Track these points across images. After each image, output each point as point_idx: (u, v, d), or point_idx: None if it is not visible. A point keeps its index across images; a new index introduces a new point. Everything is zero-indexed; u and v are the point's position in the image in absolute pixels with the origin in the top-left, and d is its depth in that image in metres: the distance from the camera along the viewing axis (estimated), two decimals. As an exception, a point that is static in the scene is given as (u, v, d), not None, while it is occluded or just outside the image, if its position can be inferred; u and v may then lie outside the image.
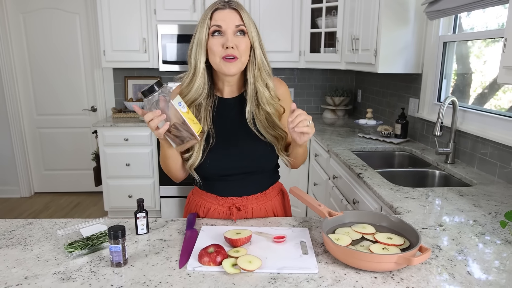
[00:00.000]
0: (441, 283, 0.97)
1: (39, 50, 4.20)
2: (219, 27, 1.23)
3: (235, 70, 1.26)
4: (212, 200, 1.42)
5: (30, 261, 1.08)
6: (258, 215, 1.43)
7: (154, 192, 3.78)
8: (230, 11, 1.25)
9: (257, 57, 1.29)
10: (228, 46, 1.22)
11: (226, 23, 1.23)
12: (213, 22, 1.23)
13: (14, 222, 1.34)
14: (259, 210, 1.43)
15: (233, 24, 1.23)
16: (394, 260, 0.98)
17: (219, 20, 1.23)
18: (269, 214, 1.45)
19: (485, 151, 2.01)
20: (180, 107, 1.11)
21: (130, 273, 1.02)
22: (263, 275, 1.00)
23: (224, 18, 1.23)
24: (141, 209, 1.24)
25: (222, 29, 1.23)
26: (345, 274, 1.01)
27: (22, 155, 4.39)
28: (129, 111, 4.04)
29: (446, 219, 1.40)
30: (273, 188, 1.48)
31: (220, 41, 1.23)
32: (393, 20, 2.60)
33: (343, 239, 1.12)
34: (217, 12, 1.24)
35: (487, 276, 1.01)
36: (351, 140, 2.82)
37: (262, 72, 1.31)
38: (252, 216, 1.42)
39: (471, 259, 1.09)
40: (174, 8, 3.63)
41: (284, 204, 1.55)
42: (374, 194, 1.76)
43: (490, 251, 1.15)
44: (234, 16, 1.24)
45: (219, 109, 1.36)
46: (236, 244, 1.14)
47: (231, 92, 1.38)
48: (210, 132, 1.33)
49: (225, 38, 1.23)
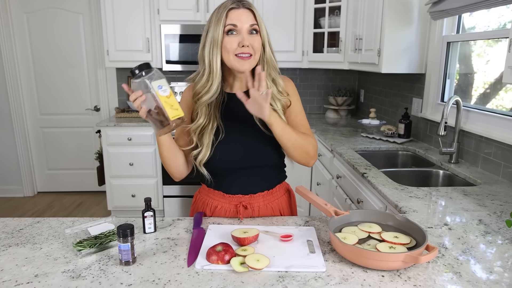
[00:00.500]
0: (448, 282, 0.97)
1: (42, 50, 4.21)
2: (235, 26, 1.27)
3: (249, 66, 1.30)
4: (219, 198, 1.44)
5: (40, 260, 1.09)
6: (264, 214, 1.44)
7: (157, 192, 3.79)
8: (244, 10, 1.28)
9: (267, 54, 1.34)
10: (244, 44, 1.26)
11: (241, 22, 1.27)
12: (228, 21, 1.26)
13: (22, 220, 1.35)
14: (265, 209, 1.44)
15: (248, 24, 1.27)
16: (401, 259, 0.98)
17: (234, 19, 1.26)
18: (275, 213, 1.47)
19: (489, 150, 2.02)
20: (160, 90, 1.13)
21: (139, 271, 1.03)
22: (271, 273, 1.01)
23: (239, 18, 1.27)
24: (148, 208, 1.25)
25: (237, 28, 1.27)
26: (352, 272, 1.02)
27: (25, 154, 4.40)
28: (133, 111, 4.05)
29: (451, 219, 1.40)
30: (279, 187, 1.49)
31: (236, 40, 1.27)
32: (397, 20, 2.60)
33: (350, 238, 1.13)
34: (232, 11, 1.27)
35: (493, 275, 1.01)
36: (355, 140, 2.82)
37: (270, 69, 1.36)
38: (258, 215, 1.43)
39: (477, 258, 1.10)
40: (177, 8, 3.64)
41: (291, 203, 1.56)
42: (379, 194, 1.76)
43: (495, 250, 1.16)
44: (248, 15, 1.28)
45: (228, 105, 1.39)
46: (243, 243, 1.15)
47: (241, 87, 1.40)
48: (220, 127, 1.36)
49: (241, 36, 1.27)
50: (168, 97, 1.14)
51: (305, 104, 4.36)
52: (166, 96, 1.14)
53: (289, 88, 1.42)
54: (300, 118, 1.43)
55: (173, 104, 1.15)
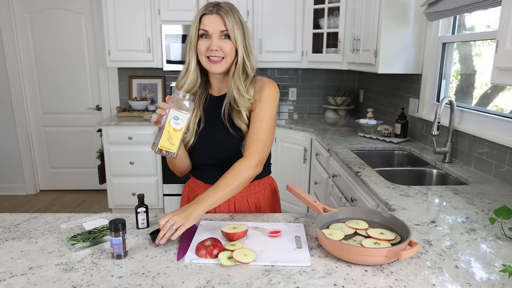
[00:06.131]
0: (429, 276, 1.00)
1: (45, 50, 4.26)
2: (206, 31, 1.35)
3: (220, 69, 1.38)
4: (200, 188, 1.55)
5: (34, 253, 1.12)
6: (240, 206, 1.52)
7: (157, 190, 3.83)
8: (216, 16, 1.34)
9: (238, 59, 1.38)
10: (212, 49, 1.34)
11: (211, 28, 1.34)
12: (201, 26, 1.35)
13: (19, 216, 1.39)
14: (241, 201, 1.52)
15: (218, 29, 1.34)
16: (384, 254, 1.01)
17: (206, 25, 1.34)
18: (251, 207, 1.53)
19: (482, 150, 2.04)
20: (173, 119, 1.21)
21: (129, 264, 1.06)
22: (257, 267, 1.04)
23: (210, 23, 1.34)
24: (141, 204, 1.29)
25: (209, 33, 1.35)
26: (336, 267, 1.04)
27: (28, 153, 4.45)
28: (134, 110, 4.09)
29: (439, 216, 1.43)
30: (259, 182, 1.55)
31: (207, 43, 1.35)
32: (393, 21, 2.63)
33: (336, 234, 1.15)
34: (205, 16, 1.35)
35: (474, 270, 1.04)
36: (352, 140, 2.85)
37: (239, 73, 1.39)
38: (234, 206, 1.51)
39: (460, 254, 1.13)
40: (178, 8, 3.68)
41: (272, 200, 1.61)
42: (371, 192, 1.79)
43: (479, 246, 1.18)
44: (219, 22, 1.34)
45: (208, 106, 1.49)
46: (232, 238, 1.18)
47: (220, 89, 1.50)
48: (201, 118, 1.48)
49: (211, 41, 1.35)
50: (175, 130, 1.22)
51: (305, 104, 4.40)
52: (173, 128, 1.22)
53: (262, 92, 1.41)
54: (257, 126, 1.39)
55: (173, 138, 1.23)
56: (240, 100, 1.39)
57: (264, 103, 1.41)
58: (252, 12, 3.74)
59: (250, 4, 3.71)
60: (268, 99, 1.42)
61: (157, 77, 4.28)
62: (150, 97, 4.29)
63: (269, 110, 1.41)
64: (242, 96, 1.39)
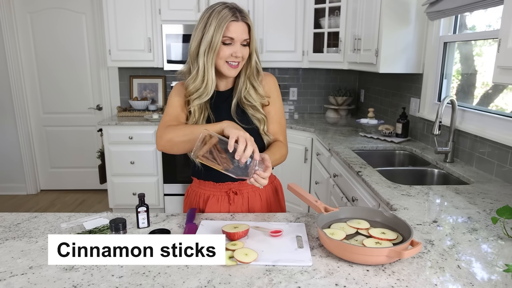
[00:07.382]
0: (431, 276, 1.00)
1: (46, 49, 4.26)
2: (232, 39, 1.36)
3: (236, 73, 1.44)
4: (210, 188, 1.54)
5: (35, 252, 1.12)
6: (253, 201, 1.54)
7: (158, 190, 3.83)
8: (242, 24, 1.37)
9: (252, 62, 1.46)
10: (237, 56, 1.38)
11: (237, 35, 1.36)
12: (227, 33, 1.35)
13: (19, 215, 1.39)
14: (254, 195, 1.55)
15: (243, 37, 1.38)
16: (385, 254, 1.01)
17: (233, 32, 1.35)
18: (263, 202, 1.56)
19: (484, 150, 2.03)
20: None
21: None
22: (258, 267, 1.04)
23: (236, 30, 1.36)
24: (142, 204, 1.28)
25: (234, 40, 1.37)
26: (338, 267, 1.04)
27: (28, 152, 4.45)
28: (134, 110, 4.09)
29: (440, 216, 1.43)
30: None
31: (230, 50, 1.37)
32: (394, 21, 2.62)
33: (337, 233, 1.15)
34: (232, 23, 1.35)
35: (476, 270, 1.03)
36: (353, 139, 2.84)
37: (253, 75, 1.48)
38: (248, 202, 1.53)
39: (462, 254, 1.12)
40: (178, 8, 3.68)
41: (278, 196, 1.65)
42: (372, 192, 1.79)
43: (481, 246, 1.18)
44: (244, 29, 1.38)
45: (216, 101, 1.50)
46: (233, 238, 1.17)
47: (226, 85, 1.53)
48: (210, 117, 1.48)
49: (235, 47, 1.37)
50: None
51: (306, 104, 4.39)
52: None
53: (270, 84, 1.55)
54: (279, 116, 1.55)
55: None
56: (255, 96, 1.48)
57: (274, 93, 1.55)
58: (252, 12, 3.73)
59: (250, 3, 3.71)
60: (276, 89, 1.57)
61: (158, 77, 4.28)
62: (150, 97, 4.29)
63: (279, 100, 1.57)
64: (259, 94, 1.49)
